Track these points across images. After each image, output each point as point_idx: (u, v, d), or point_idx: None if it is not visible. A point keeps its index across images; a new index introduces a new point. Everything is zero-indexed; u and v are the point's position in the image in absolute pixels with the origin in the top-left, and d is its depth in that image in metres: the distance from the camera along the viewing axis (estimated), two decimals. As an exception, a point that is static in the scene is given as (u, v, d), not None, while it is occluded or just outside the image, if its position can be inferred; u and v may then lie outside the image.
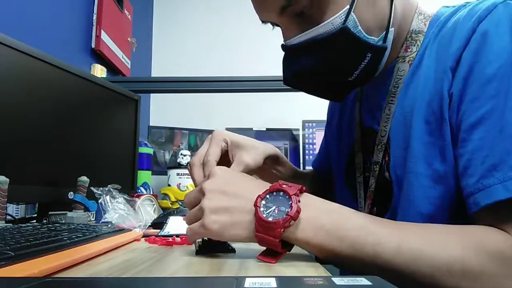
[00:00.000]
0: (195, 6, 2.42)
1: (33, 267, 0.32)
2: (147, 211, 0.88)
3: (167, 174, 1.56)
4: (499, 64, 0.41)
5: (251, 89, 1.36)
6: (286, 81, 0.54)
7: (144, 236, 0.64)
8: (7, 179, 0.61)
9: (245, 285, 0.24)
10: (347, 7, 0.44)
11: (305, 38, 0.47)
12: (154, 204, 0.98)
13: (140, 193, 1.20)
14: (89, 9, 1.53)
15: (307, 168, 1.97)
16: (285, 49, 0.51)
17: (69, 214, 0.75)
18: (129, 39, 1.89)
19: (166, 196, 1.37)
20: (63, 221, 0.79)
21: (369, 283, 0.23)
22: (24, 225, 0.57)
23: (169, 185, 1.51)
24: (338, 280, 0.24)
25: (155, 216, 0.86)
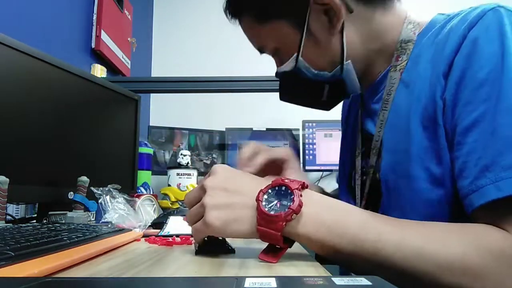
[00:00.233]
0: (195, 6, 2.42)
1: (33, 267, 0.32)
2: (147, 211, 0.88)
3: (167, 174, 1.56)
4: (489, 69, 0.42)
5: (251, 89, 1.36)
6: (280, 98, 0.66)
7: (144, 236, 0.64)
8: (7, 179, 0.61)
9: (245, 285, 0.24)
10: (295, 54, 0.56)
11: (281, 71, 0.59)
12: (154, 204, 0.98)
13: (140, 193, 1.20)
14: (89, 9, 1.53)
15: (307, 167, 1.98)
16: (276, 75, 0.62)
17: (69, 214, 0.75)
18: (129, 39, 1.89)
19: (166, 196, 1.37)
20: (63, 221, 0.79)
21: (369, 283, 0.23)
22: (24, 225, 0.57)
23: (169, 185, 1.51)
24: (338, 280, 0.24)
25: (155, 216, 0.86)
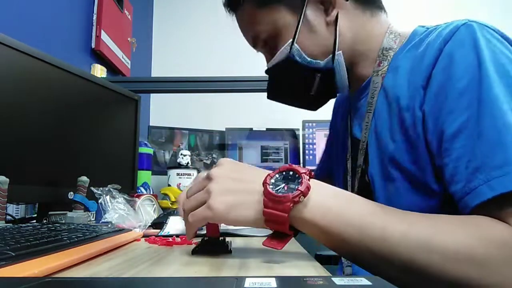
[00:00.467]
0: (195, 6, 2.42)
1: (33, 267, 0.32)
2: (147, 211, 0.88)
3: (167, 174, 1.56)
4: (468, 79, 0.44)
5: (251, 89, 1.36)
6: (267, 96, 0.66)
7: (144, 236, 0.64)
8: (7, 179, 0.61)
9: (245, 285, 0.24)
10: (291, 39, 0.56)
11: (272, 64, 0.60)
12: (154, 204, 0.98)
13: (140, 193, 1.20)
14: (89, 9, 1.53)
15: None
16: (266, 72, 0.63)
17: (69, 214, 0.75)
18: (129, 39, 1.89)
19: (166, 196, 1.37)
20: (63, 221, 0.79)
21: (369, 283, 0.23)
22: (24, 225, 0.57)
23: (169, 185, 1.51)
24: (338, 280, 0.24)
25: (155, 216, 0.86)
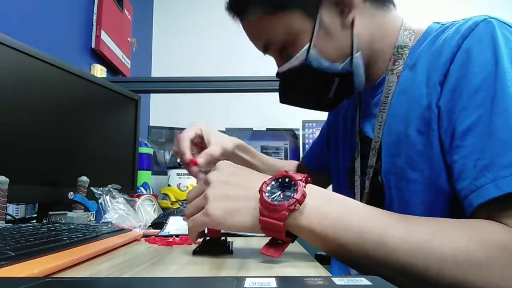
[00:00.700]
0: (195, 7, 2.42)
1: (33, 267, 0.32)
2: (147, 211, 0.88)
3: (167, 174, 1.56)
4: (483, 76, 0.44)
5: (251, 89, 1.36)
6: (280, 100, 0.65)
7: (144, 236, 0.64)
8: (7, 179, 0.61)
9: (245, 285, 0.24)
10: (307, 44, 0.55)
11: (287, 68, 0.58)
12: (154, 204, 0.98)
13: (140, 193, 1.20)
14: (89, 9, 1.53)
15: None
16: (277, 76, 0.61)
17: (69, 214, 0.75)
18: (129, 39, 1.89)
19: (166, 196, 1.37)
20: (63, 221, 0.79)
21: (369, 283, 0.23)
22: (24, 225, 0.57)
23: (169, 185, 1.51)
24: (338, 280, 0.24)
25: (155, 216, 0.86)
